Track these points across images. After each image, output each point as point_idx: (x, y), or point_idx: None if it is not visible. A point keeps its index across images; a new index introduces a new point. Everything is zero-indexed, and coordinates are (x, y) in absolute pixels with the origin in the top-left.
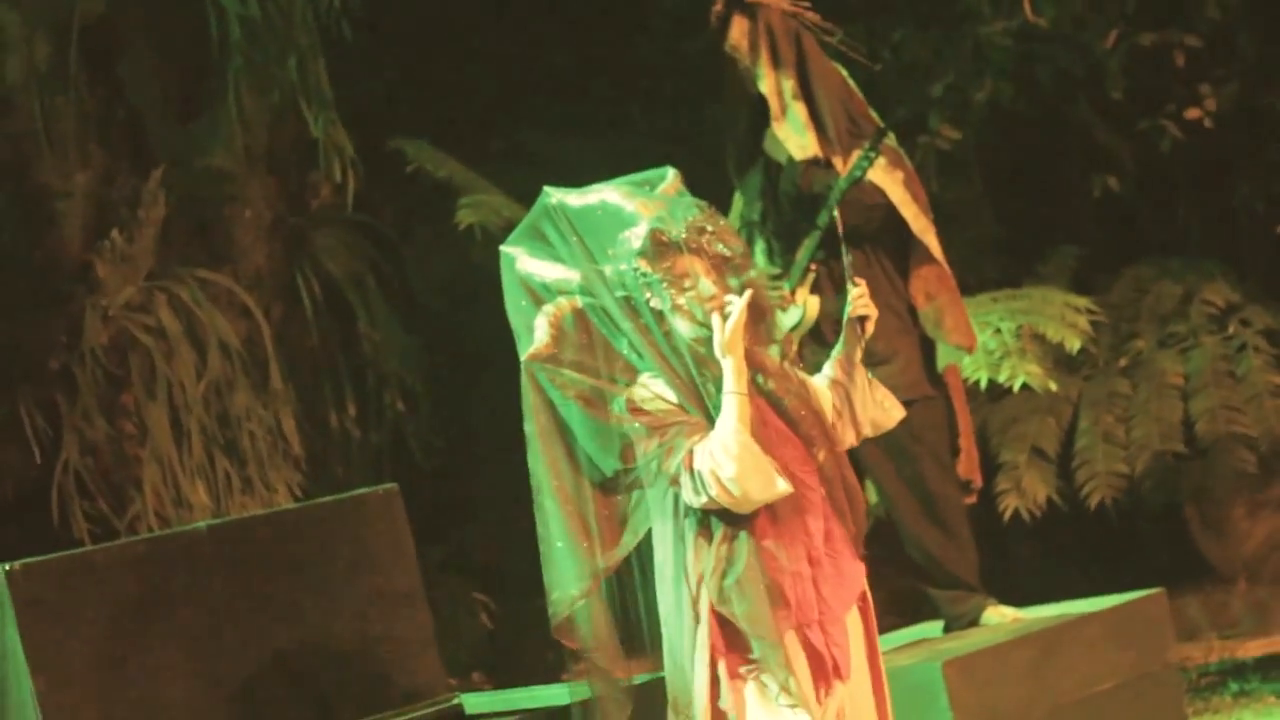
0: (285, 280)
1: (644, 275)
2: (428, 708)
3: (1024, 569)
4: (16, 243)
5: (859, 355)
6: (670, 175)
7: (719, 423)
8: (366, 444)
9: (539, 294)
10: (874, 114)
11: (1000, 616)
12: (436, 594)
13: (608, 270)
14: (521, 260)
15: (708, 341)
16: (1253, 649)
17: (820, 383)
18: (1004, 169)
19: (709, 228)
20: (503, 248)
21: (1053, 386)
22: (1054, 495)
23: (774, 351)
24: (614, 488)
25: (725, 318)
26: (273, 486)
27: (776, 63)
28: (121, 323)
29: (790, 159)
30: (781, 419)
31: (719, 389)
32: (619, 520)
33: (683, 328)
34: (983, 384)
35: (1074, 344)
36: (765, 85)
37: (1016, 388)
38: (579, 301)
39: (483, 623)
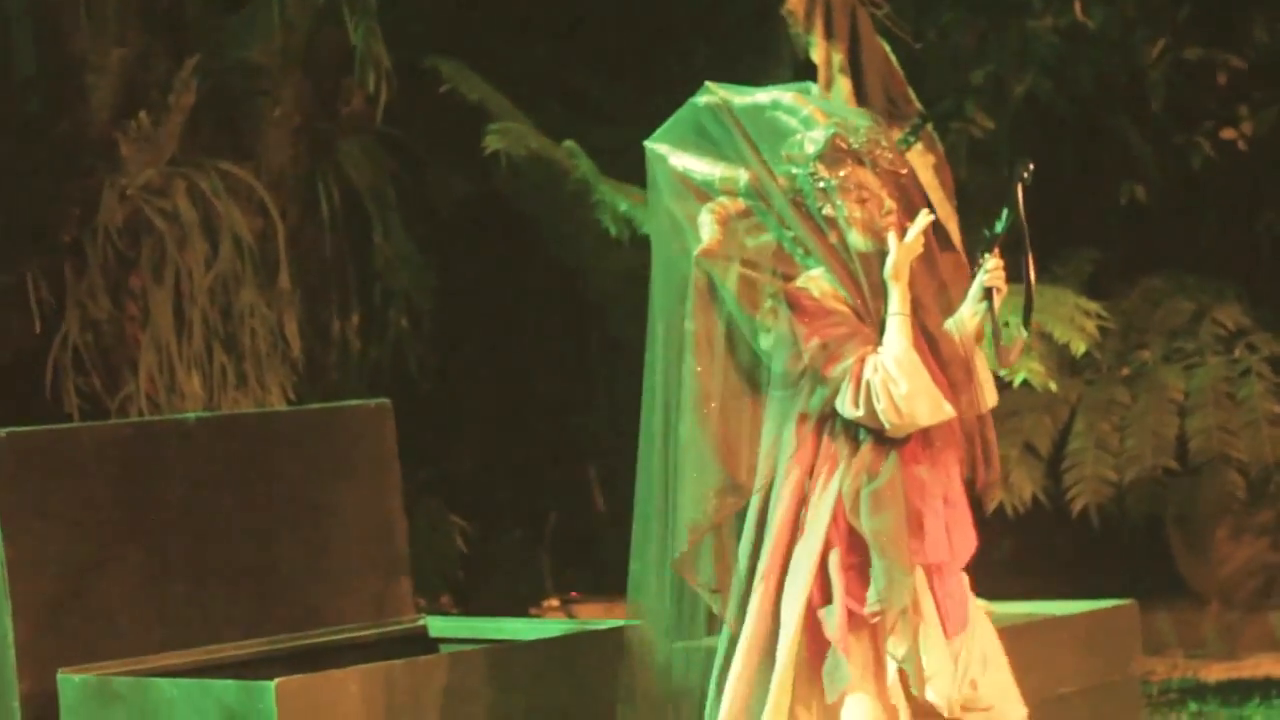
0: (306, 183)
1: (821, 180)
2: (391, 626)
3: (1001, 564)
4: (44, 111)
5: (986, 327)
6: (815, 89)
7: (889, 339)
8: (366, 356)
9: (701, 189)
10: (913, 95)
11: None
12: (416, 513)
13: (779, 171)
14: (675, 156)
15: (879, 257)
16: (1217, 671)
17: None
18: (1033, 164)
19: (883, 142)
20: (648, 144)
21: (1053, 387)
22: (1040, 494)
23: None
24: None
25: (900, 237)
26: (267, 386)
27: (830, 33)
28: (138, 204)
29: None
30: (934, 358)
31: (883, 305)
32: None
33: (855, 239)
34: None
35: (1080, 347)
36: (816, 54)
37: (1017, 383)
38: (742, 203)
39: (458, 547)
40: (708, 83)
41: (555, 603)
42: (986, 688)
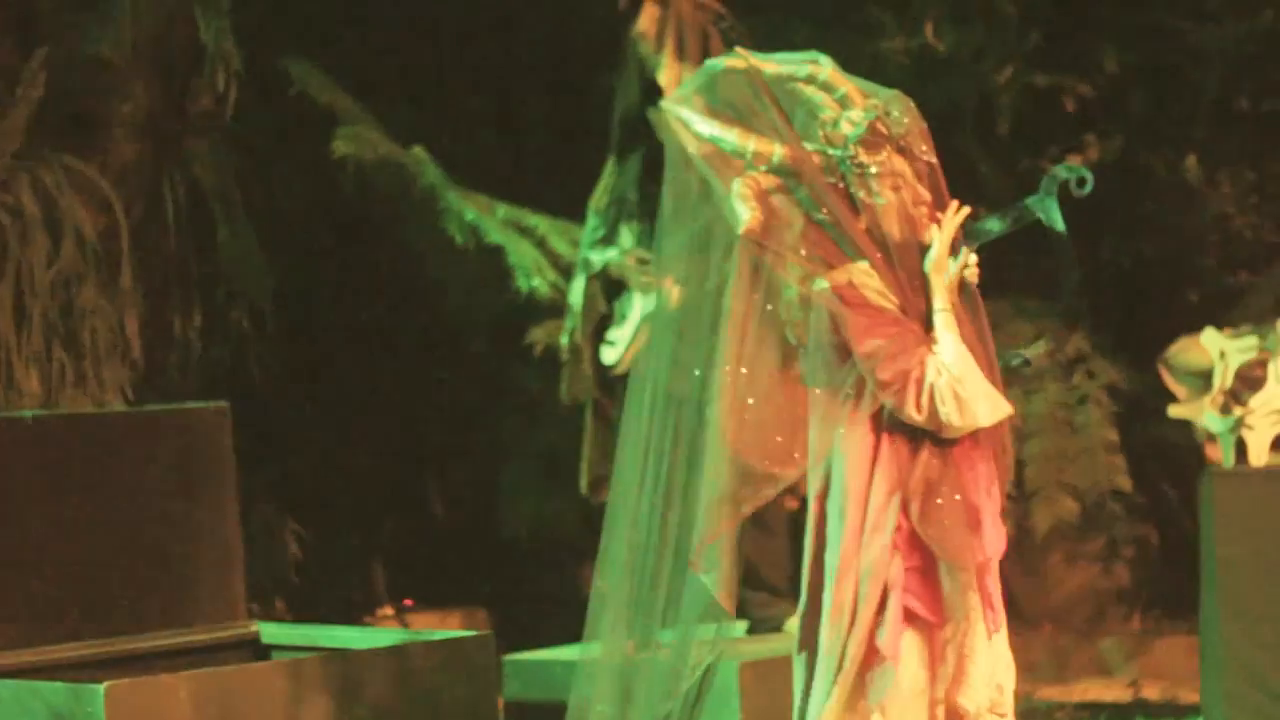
0: (152, 182)
1: (860, 165)
2: (223, 631)
3: None
4: None
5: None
6: (826, 60)
7: (944, 338)
8: (207, 357)
9: (733, 159)
10: None
11: None
12: (252, 517)
13: (813, 149)
14: (701, 122)
15: (914, 248)
16: (1047, 694)
17: None
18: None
19: (917, 130)
20: (666, 104)
21: None
22: None
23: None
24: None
25: (939, 228)
26: (106, 385)
27: (681, 55)
28: None
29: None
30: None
31: (922, 299)
32: (801, 430)
33: (890, 228)
34: None
35: None
36: (665, 76)
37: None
38: (775, 179)
39: (294, 552)
40: (737, 48)
41: (390, 611)
42: (1009, 693)
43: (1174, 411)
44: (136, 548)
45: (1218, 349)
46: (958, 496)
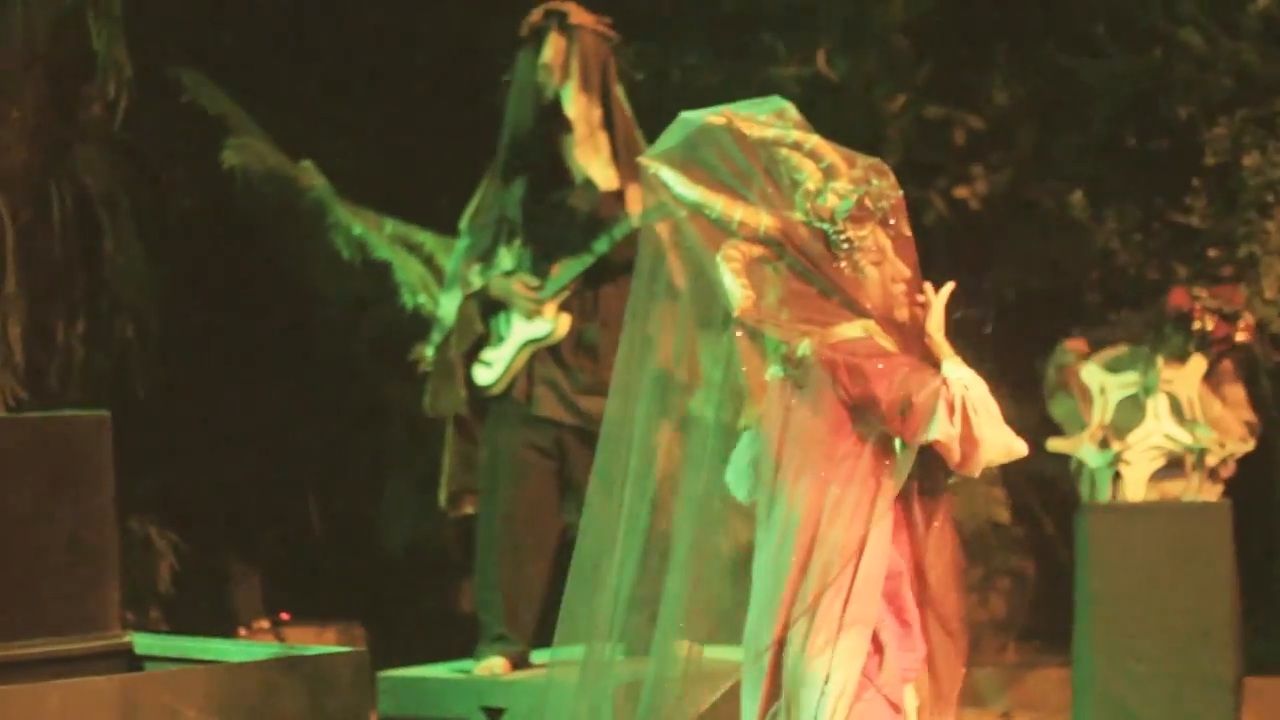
0: (39, 187)
1: (846, 240)
2: (95, 641)
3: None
4: None
5: None
6: (792, 110)
7: (960, 369)
8: (90, 365)
9: (718, 228)
10: (644, 144)
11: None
12: (129, 527)
13: (798, 218)
14: (680, 185)
15: (894, 327)
16: None
17: None
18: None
19: (895, 201)
20: (647, 162)
21: None
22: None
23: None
24: None
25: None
26: None
27: (586, 87)
28: None
29: (589, 181)
30: None
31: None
32: None
33: (874, 302)
34: None
35: None
36: (574, 109)
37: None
38: (758, 249)
39: (170, 564)
40: (721, 106)
41: (265, 624)
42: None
43: (1053, 445)
44: (10, 554)
45: (1098, 384)
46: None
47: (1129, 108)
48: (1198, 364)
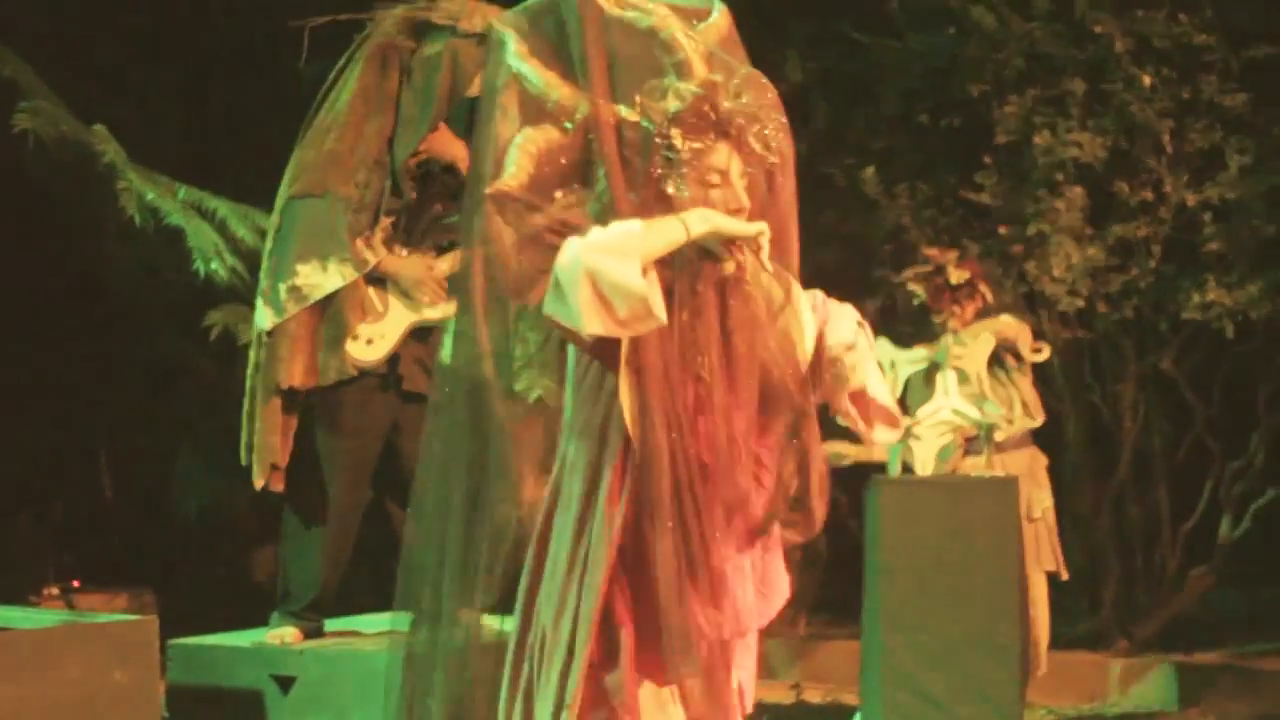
0: None
1: (668, 149)
2: None
3: None
4: None
5: None
6: (719, 12)
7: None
8: None
9: (530, 108)
10: None
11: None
12: None
13: (625, 116)
14: (524, 61)
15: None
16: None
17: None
18: None
19: (762, 118)
20: (497, 24)
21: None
22: None
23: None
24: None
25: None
26: None
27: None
28: None
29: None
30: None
31: None
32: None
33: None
34: None
35: None
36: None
37: (533, 399)
38: (566, 138)
39: None
40: None
41: (55, 591)
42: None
43: (844, 420)
44: None
45: (888, 359)
46: None
47: (922, 85)
48: (986, 340)
